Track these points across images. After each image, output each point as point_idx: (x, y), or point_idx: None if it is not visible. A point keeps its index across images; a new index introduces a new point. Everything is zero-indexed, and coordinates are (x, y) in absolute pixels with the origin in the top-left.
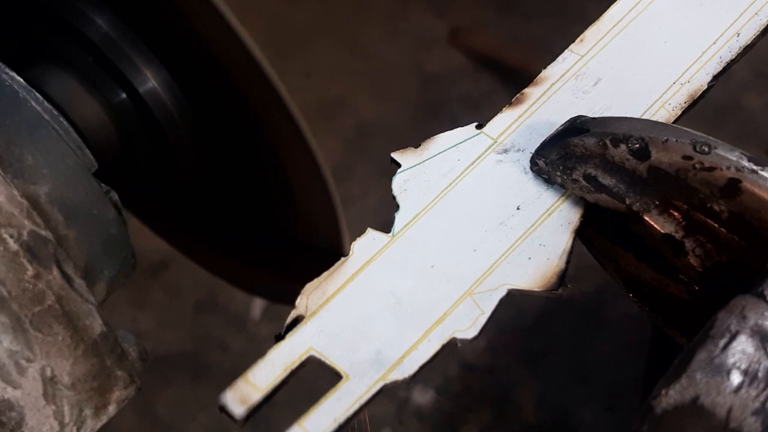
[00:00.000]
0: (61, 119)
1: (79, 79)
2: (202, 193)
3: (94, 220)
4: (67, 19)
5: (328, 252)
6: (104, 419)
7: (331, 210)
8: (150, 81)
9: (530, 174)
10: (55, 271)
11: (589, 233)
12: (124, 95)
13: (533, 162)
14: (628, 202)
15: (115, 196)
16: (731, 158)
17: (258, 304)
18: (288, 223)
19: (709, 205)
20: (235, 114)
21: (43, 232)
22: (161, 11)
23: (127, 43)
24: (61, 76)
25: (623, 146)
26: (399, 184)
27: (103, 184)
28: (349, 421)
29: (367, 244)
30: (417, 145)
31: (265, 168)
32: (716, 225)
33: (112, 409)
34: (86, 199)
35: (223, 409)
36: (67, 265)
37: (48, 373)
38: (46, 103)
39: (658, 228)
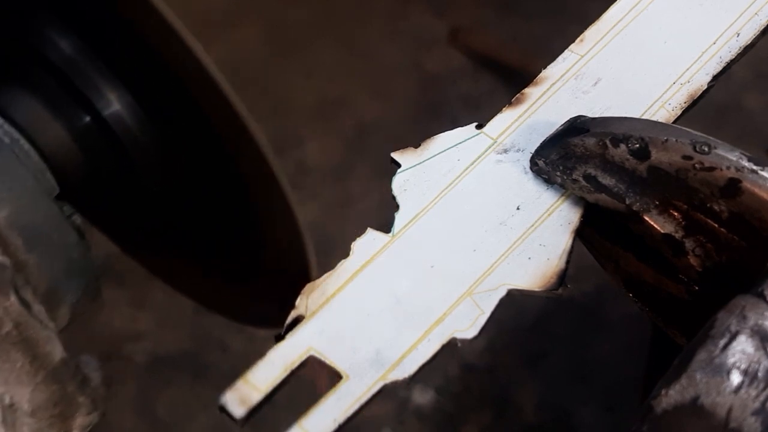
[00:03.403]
0: (22, 142)
1: (42, 102)
2: (170, 216)
3: (55, 245)
4: (31, 41)
5: (295, 277)
6: None
7: (296, 234)
8: (114, 104)
9: (530, 174)
10: (13, 298)
11: (589, 233)
12: (88, 118)
13: (533, 162)
14: (628, 202)
15: (78, 219)
16: (731, 158)
17: None
18: (255, 245)
19: (709, 205)
20: (200, 136)
21: (0, 258)
22: (125, 35)
23: (91, 67)
24: (24, 99)
25: (623, 146)
26: (399, 184)
27: (66, 207)
28: (349, 421)
29: (366, 244)
30: (417, 145)
31: (231, 189)
32: (716, 225)
33: None
34: (46, 223)
35: (223, 410)
36: (26, 291)
37: (6, 400)
38: (6, 125)
39: (658, 228)
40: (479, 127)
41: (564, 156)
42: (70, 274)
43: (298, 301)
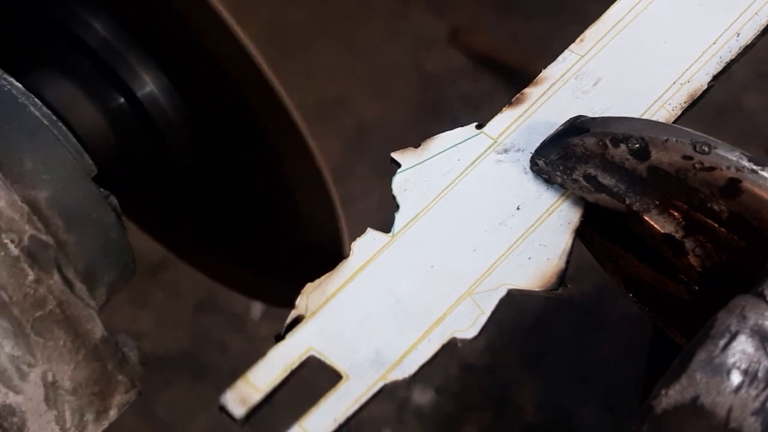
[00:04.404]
0: (60, 124)
1: (77, 83)
2: (201, 197)
3: (94, 225)
4: (65, 23)
5: (328, 256)
6: (105, 424)
7: (332, 214)
8: (148, 85)
9: (530, 174)
10: (56, 276)
11: (589, 233)
12: (122, 99)
13: (533, 162)
14: (628, 202)
15: (114, 200)
16: (731, 158)
17: (258, 305)
18: (288, 227)
19: (709, 205)
20: (235, 118)
21: (43, 237)
22: (159, 15)
23: (125, 48)
24: (60, 81)
25: (623, 146)
26: (399, 184)
27: (102, 189)
28: (349, 421)
29: (367, 244)
30: (417, 145)
31: (265, 172)
32: (716, 225)
33: (113, 413)
34: (86, 203)
35: (223, 410)
36: (68, 270)
37: (49, 378)
38: (44, 108)
39: (658, 228)
40: (479, 127)
41: (564, 156)
42: (108, 254)
43: (298, 301)
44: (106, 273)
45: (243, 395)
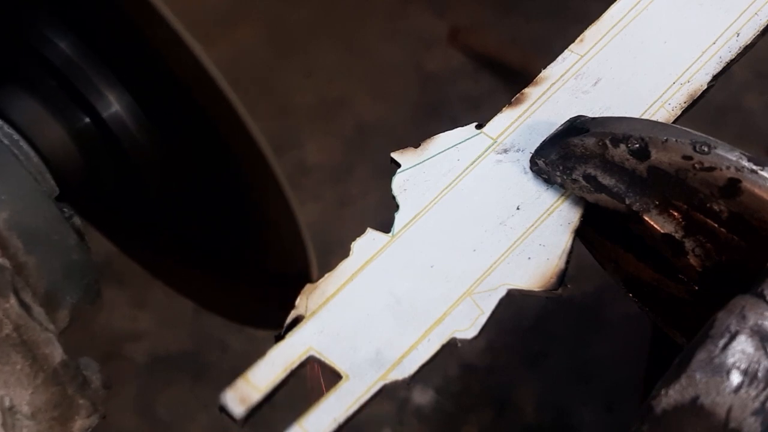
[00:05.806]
0: (22, 144)
1: (41, 103)
2: (170, 217)
3: (55, 246)
4: (30, 42)
5: (296, 278)
6: None
7: (298, 235)
8: (113, 105)
9: (530, 174)
10: (13, 300)
11: (589, 233)
12: (87, 119)
13: (533, 162)
14: (628, 202)
15: (77, 221)
16: (731, 158)
17: None
18: (256, 247)
19: (708, 205)
20: (200, 137)
21: (0, 260)
22: (124, 35)
23: (90, 67)
24: (24, 99)
25: (623, 146)
26: (399, 184)
27: (65, 209)
28: (349, 421)
29: (366, 244)
30: (417, 145)
31: (232, 191)
32: (716, 225)
33: None
34: (46, 225)
35: (223, 409)
36: (26, 293)
37: (6, 403)
38: (6, 127)
39: (658, 228)
40: (479, 127)
41: (564, 156)
42: (70, 276)
43: (298, 301)
44: (69, 295)
45: (243, 395)
